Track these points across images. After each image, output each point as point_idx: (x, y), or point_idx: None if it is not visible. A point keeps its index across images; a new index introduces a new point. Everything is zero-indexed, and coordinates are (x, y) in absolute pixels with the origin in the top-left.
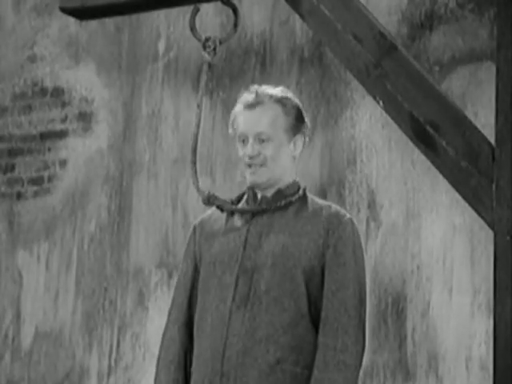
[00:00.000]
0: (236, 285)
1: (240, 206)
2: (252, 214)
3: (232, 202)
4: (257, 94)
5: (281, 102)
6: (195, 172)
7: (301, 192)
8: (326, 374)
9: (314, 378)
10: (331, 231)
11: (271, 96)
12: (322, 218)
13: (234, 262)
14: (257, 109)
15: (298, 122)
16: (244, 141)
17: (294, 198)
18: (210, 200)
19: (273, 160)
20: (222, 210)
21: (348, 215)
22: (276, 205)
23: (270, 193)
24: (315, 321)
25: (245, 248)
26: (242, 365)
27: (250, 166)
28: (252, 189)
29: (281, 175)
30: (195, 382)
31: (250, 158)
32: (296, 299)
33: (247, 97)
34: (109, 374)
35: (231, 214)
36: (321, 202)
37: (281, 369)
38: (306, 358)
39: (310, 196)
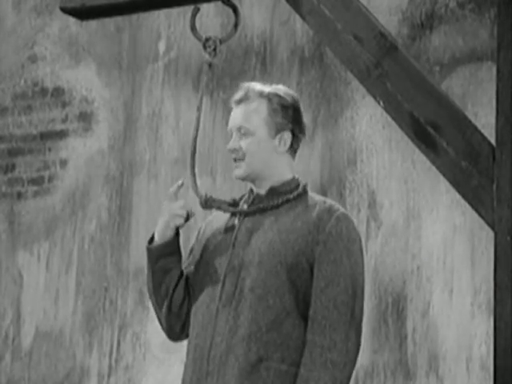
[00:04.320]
0: (223, 283)
1: (240, 205)
2: (245, 213)
3: (234, 202)
4: (244, 90)
5: (267, 97)
6: (194, 176)
7: (300, 189)
8: (311, 373)
9: (300, 376)
10: (321, 227)
11: (257, 91)
12: (314, 214)
13: (223, 260)
14: (242, 104)
15: (285, 120)
16: (231, 136)
17: (291, 196)
18: (207, 203)
19: (251, 154)
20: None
21: (341, 210)
22: (272, 203)
23: (263, 190)
24: (305, 317)
25: (234, 246)
26: (225, 363)
27: (234, 160)
28: (250, 188)
29: (265, 170)
30: (185, 380)
31: (231, 151)
32: (281, 296)
33: (237, 93)
34: (109, 374)
35: (233, 213)
36: (318, 198)
37: (264, 366)
38: (293, 355)
39: (310, 193)
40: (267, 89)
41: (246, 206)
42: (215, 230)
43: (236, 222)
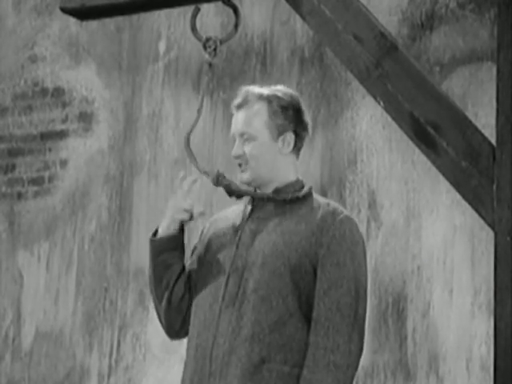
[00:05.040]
0: (226, 284)
1: (245, 207)
2: (249, 213)
3: (242, 191)
4: (243, 94)
5: (267, 99)
6: (195, 160)
7: (304, 191)
8: (314, 375)
9: (303, 377)
10: (325, 230)
11: (256, 95)
12: (318, 216)
13: (227, 260)
14: (242, 109)
15: (286, 121)
16: (235, 142)
17: (300, 194)
18: (219, 179)
19: (255, 159)
20: (228, 194)
21: (345, 212)
22: (281, 197)
23: (269, 191)
24: (308, 319)
25: (237, 247)
26: (228, 364)
27: (239, 165)
28: (255, 189)
29: (271, 173)
30: (185, 379)
31: (235, 158)
32: (284, 298)
33: (236, 98)
34: (109, 375)
35: (236, 214)
36: (321, 200)
37: (267, 368)
38: (296, 356)
39: (314, 195)
40: (266, 91)
41: (250, 208)
42: (219, 230)
43: (239, 222)
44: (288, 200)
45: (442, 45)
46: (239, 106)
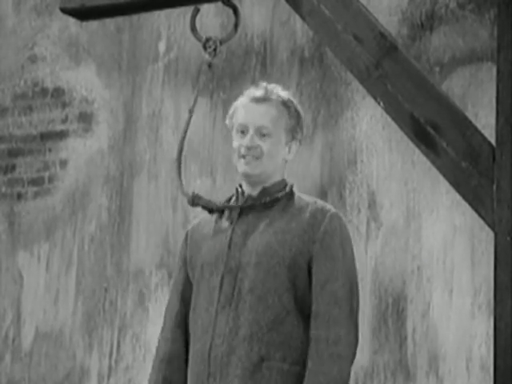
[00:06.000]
0: (221, 285)
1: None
2: (238, 214)
3: (220, 204)
4: (266, 90)
5: (286, 103)
6: (180, 175)
7: (287, 189)
8: (320, 367)
9: (309, 370)
10: (316, 226)
11: (279, 96)
12: (307, 214)
13: (219, 262)
14: (264, 104)
15: (297, 128)
16: (243, 132)
17: (279, 195)
18: (194, 201)
19: (269, 155)
20: (209, 211)
21: (333, 209)
22: (261, 201)
23: (256, 191)
24: (303, 316)
25: (230, 248)
26: (227, 364)
27: (244, 156)
28: (240, 187)
29: (271, 173)
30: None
31: (248, 148)
32: (280, 296)
33: (255, 91)
34: (109, 375)
35: (220, 216)
36: (307, 198)
37: (266, 366)
38: (294, 353)
39: (297, 193)
40: (286, 95)
41: (238, 210)
42: (205, 235)
43: (228, 224)
44: (273, 199)
45: (442, 45)
46: (260, 100)
